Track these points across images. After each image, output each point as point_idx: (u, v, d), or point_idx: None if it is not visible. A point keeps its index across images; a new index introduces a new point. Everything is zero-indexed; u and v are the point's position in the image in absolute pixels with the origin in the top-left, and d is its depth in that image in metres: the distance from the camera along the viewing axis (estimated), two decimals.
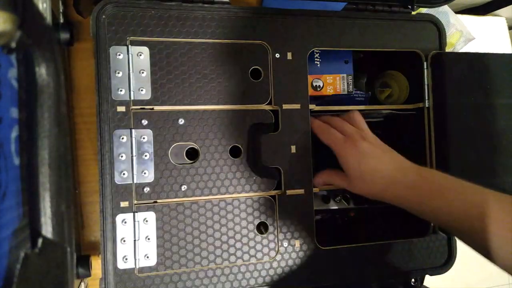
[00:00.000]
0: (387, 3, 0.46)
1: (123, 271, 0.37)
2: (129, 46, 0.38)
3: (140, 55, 0.38)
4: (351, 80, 0.48)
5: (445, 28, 0.47)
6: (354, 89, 0.49)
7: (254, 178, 0.40)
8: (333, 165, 0.42)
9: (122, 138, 0.37)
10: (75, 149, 0.47)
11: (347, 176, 0.40)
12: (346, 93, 0.48)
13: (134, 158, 0.37)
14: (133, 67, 0.38)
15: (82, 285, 0.45)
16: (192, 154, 0.40)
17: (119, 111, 0.37)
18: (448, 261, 0.46)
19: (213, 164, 0.39)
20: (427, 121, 0.45)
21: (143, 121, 0.38)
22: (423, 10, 0.53)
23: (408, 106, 0.48)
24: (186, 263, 0.38)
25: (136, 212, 0.37)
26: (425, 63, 0.45)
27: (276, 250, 0.41)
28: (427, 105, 0.45)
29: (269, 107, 0.41)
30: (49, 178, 0.18)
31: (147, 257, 0.37)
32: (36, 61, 0.18)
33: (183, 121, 0.39)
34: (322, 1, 0.46)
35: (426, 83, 0.45)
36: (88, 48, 0.47)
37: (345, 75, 0.48)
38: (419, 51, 0.46)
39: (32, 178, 0.18)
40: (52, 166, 0.19)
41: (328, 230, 0.51)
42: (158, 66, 0.38)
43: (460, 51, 0.66)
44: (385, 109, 0.47)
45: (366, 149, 0.39)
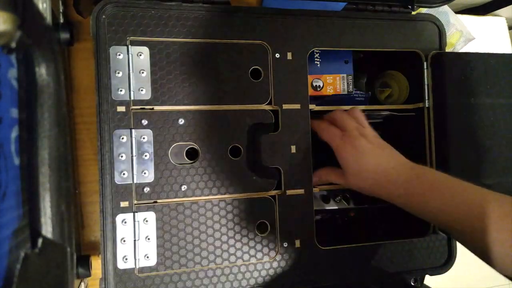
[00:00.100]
0: (387, 3, 0.46)
1: (123, 271, 0.37)
2: (129, 46, 0.38)
3: (140, 55, 0.38)
4: (351, 80, 0.48)
5: (445, 28, 0.47)
6: (354, 89, 0.49)
7: (254, 178, 0.40)
8: (333, 165, 0.42)
9: (122, 138, 0.37)
10: (75, 149, 0.47)
11: (344, 173, 0.40)
12: (346, 93, 0.48)
13: (134, 158, 0.37)
14: (133, 67, 0.38)
15: (82, 285, 0.45)
16: (192, 154, 0.40)
17: (119, 111, 0.37)
18: (448, 261, 0.46)
19: (213, 164, 0.39)
20: (427, 121, 0.45)
21: (143, 121, 0.38)
22: (423, 10, 0.53)
23: (408, 106, 0.48)
24: (186, 263, 0.38)
25: (136, 212, 0.37)
26: (425, 63, 0.45)
27: (276, 250, 0.41)
28: (427, 105, 0.45)
29: (269, 107, 0.41)
30: (49, 178, 0.18)
31: (147, 257, 0.37)
32: (36, 61, 0.18)
33: (183, 121, 0.39)
34: (322, 1, 0.46)
35: (426, 83, 0.45)
36: (88, 48, 0.47)
37: (345, 75, 0.48)
38: (419, 51, 0.46)
39: (32, 178, 0.18)
40: (52, 166, 0.19)
41: (328, 230, 0.51)
42: (158, 66, 0.38)
43: (460, 51, 0.66)
44: (385, 110, 0.47)
45: (363, 146, 0.39)
